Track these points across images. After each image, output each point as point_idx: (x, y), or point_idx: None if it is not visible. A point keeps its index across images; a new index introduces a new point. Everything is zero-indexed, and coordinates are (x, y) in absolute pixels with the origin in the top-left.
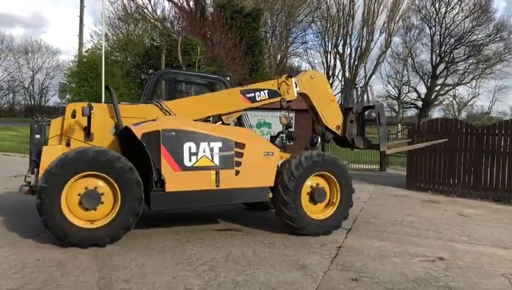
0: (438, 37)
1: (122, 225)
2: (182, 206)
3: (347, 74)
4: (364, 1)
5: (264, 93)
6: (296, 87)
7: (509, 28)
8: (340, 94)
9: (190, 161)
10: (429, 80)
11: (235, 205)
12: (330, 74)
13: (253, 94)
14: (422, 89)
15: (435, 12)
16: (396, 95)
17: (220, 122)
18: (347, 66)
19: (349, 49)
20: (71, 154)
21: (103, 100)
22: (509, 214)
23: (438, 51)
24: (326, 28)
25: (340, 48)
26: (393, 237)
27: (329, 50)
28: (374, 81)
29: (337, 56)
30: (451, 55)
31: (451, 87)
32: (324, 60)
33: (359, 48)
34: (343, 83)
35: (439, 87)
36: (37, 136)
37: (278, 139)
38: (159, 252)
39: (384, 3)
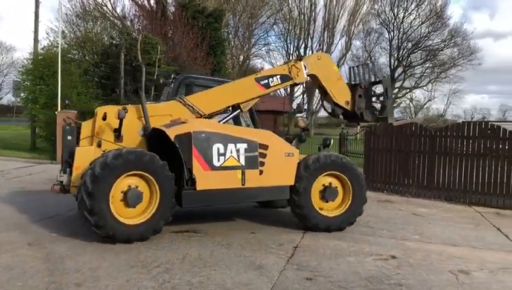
0: (396, 41)
1: (162, 217)
2: (211, 204)
3: None
4: (325, 5)
5: (277, 78)
6: (305, 69)
7: (462, 35)
8: (301, 96)
9: (218, 161)
10: None
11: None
12: None
13: (266, 80)
14: None
15: (393, 17)
16: None
17: (239, 110)
18: None
19: (310, 51)
20: (116, 156)
21: (59, 99)
22: (460, 213)
23: (396, 55)
24: (288, 30)
25: (302, 51)
26: (349, 236)
27: (291, 52)
28: None
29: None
30: (409, 59)
31: (408, 90)
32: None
33: (320, 51)
34: (304, 86)
35: (397, 90)
36: (69, 137)
37: (294, 141)
38: (114, 254)
39: (344, 7)
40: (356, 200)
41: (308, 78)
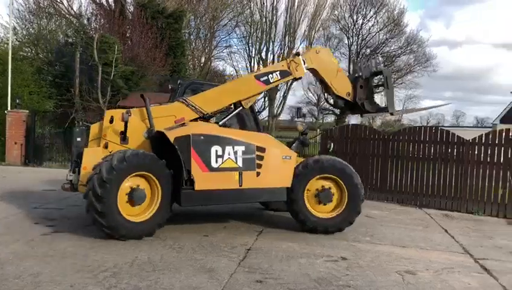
0: (356, 47)
1: (165, 212)
2: (209, 204)
3: None
4: (287, 9)
5: (276, 74)
6: (304, 64)
7: (418, 42)
8: (263, 98)
9: (216, 162)
10: None
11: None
12: None
13: (266, 77)
14: None
15: (352, 24)
16: (316, 102)
17: (241, 107)
18: None
19: (272, 55)
20: (121, 159)
21: (9, 98)
22: (411, 215)
23: (355, 61)
24: (250, 33)
25: (264, 54)
26: (302, 238)
27: (253, 55)
28: (295, 87)
29: (261, 62)
30: None
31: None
32: (248, 65)
33: (282, 55)
34: None
35: None
36: (79, 139)
37: (294, 144)
38: (59, 259)
39: (305, 12)
40: (352, 200)
41: (308, 71)
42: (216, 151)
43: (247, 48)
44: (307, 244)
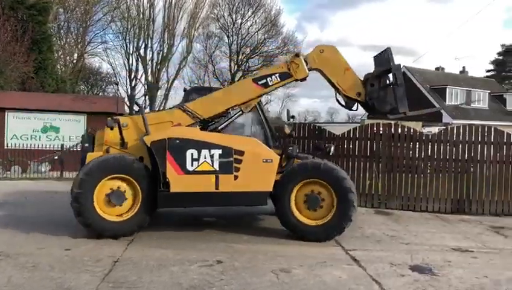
0: (236, 46)
1: (145, 214)
2: (185, 206)
3: (150, 78)
4: (165, 6)
5: (276, 76)
6: (307, 64)
7: (294, 43)
8: (144, 96)
9: (192, 165)
10: None
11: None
12: (133, 76)
13: (265, 80)
14: None
15: (232, 23)
16: None
17: (240, 111)
18: (149, 69)
19: (151, 52)
20: (95, 162)
21: None
22: None
23: (235, 59)
24: (127, 29)
25: (142, 51)
26: (177, 243)
27: (131, 52)
28: (177, 86)
29: (140, 59)
30: (247, 64)
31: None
32: (126, 62)
33: (161, 52)
34: (145, 87)
35: None
36: (86, 144)
37: (291, 148)
38: None
39: (184, 10)
40: (343, 204)
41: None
42: (192, 154)
43: (125, 45)
44: (182, 250)
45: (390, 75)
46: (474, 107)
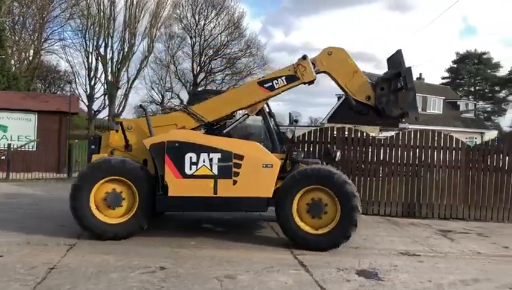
0: (198, 47)
1: (144, 216)
2: (183, 210)
3: (109, 77)
4: (126, 4)
5: (282, 80)
6: (315, 67)
7: (257, 46)
8: (103, 95)
9: (190, 169)
10: (191, 88)
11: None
12: (92, 75)
13: (270, 83)
14: (185, 96)
15: (195, 24)
16: (160, 101)
17: (246, 114)
18: (109, 68)
19: (111, 51)
20: (89, 166)
21: None
22: (236, 214)
23: (198, 61)
24: (87, 26)
25: (102, 50)
26: (121, 248)
27: (91, 51)
28: (137, 86)
29: (99, 58)
30: (210, 65)
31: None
32: (85, 60)
33: (122, 51)
34: (105, 86)
35: None
36: (93, 146)
37: (295, 153)
38: None
39: (146, 9)
40: (346, 212)
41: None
42: (190, 158)
43: (84, 43)
44: (125, 254)
45: (401, 79)
46: (430, 113)
